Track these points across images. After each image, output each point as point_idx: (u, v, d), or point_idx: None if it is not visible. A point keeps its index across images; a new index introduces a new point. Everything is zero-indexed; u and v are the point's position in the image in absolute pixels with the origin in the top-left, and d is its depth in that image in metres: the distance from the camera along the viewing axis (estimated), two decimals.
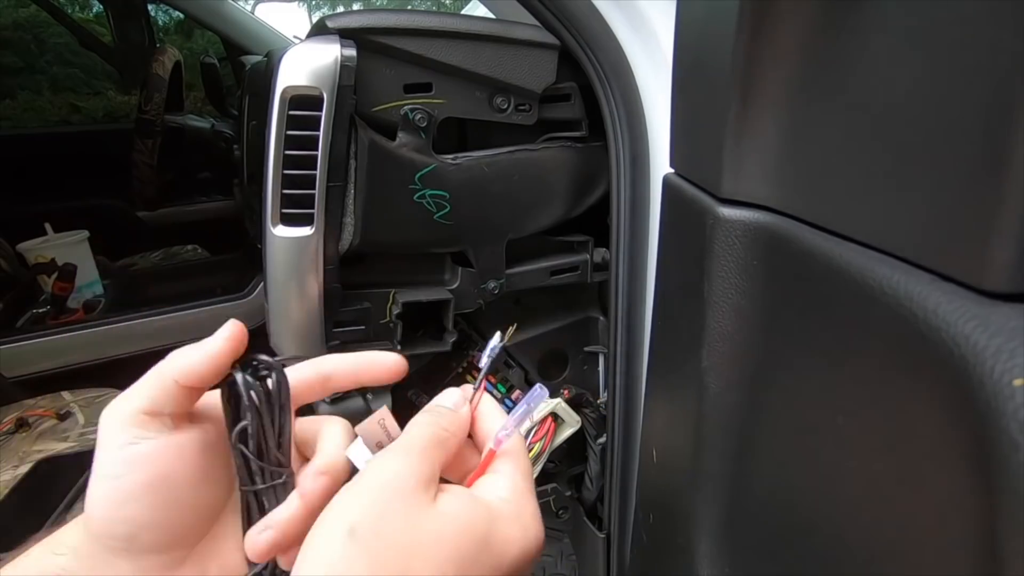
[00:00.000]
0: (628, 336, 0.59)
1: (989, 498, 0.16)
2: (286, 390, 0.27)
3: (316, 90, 0.47)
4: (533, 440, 0.65)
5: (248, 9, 1.79)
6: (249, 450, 0.26)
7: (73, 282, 1.25)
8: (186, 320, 1.21)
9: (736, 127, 0.27)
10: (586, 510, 0.76)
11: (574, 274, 0.65)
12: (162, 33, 2.75)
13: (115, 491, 0.25)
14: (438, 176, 0.53)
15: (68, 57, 2.76)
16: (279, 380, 0.27)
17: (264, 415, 0.26)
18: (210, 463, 0.27)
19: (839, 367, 0.23)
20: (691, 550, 0.35)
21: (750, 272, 0.29)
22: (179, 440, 0.26)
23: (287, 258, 0.50)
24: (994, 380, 0.15)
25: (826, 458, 0.25)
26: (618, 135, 0.55)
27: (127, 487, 0.25)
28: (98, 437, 0.26)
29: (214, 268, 1.55)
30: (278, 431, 0.27)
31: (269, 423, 0.27)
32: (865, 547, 0.22)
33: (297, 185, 0.48)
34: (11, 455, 0.88)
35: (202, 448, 0.27)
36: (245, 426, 0.26)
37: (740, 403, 0.31)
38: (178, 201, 1.72)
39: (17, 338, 1.12)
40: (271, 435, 0.27)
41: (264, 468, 0.27)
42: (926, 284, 0.18)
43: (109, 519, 0.25)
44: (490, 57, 0.53)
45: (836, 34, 0.23)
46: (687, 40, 0.36)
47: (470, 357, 0.66)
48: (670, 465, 0.40)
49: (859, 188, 0.22)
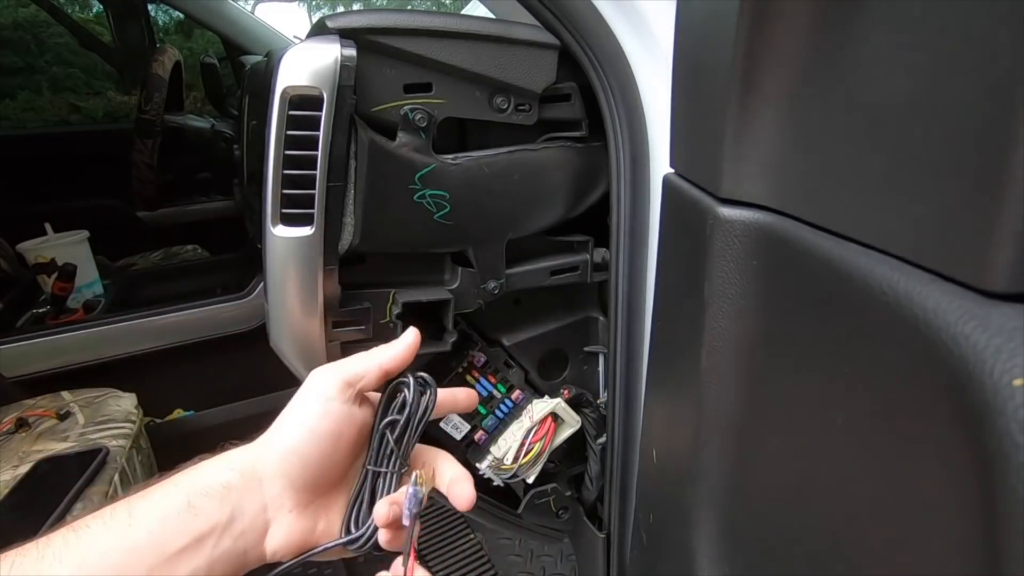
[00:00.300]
0: (628, 336, 0.59)
1: (989, 498, 0.16)
2: (433, 404, 0.35)
3: (316, 90, 0.46)
4: (533, 440, 0.65)
5: (248, 9, 1.79)
6: (393, 437, 0.34)
7: (73, 282, 1.25)
8: (186, 320, 1.21)
9: (736, 127, 0.27)
10: (586, 510, 0.76)
11: (574, 274, 0.65)
12: (162, 33, 2.75)
13: (302, 431, 0.32)
14: (438, 176, 0.53)
15: (68, 57, 2.76)
16: (432, 397, 0.35)
17: (414, 418, 0.34)
18: (360, 438, 0.35)
19: (839, 367, 0.23)
20: (691, 550, 0.35)
21: (750, 272, 0.29)
22: (352, 411, 0.34)
23: (287, 258, 0.50)
24: (994, 380, 0.15)
25: (826, 458, 0.25)
26: (618, 135, 0.55)
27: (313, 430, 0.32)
28: (303, 387, 0.34)
29: (214, 268, 1.55)
30: (414, 435, 0.34)
31: (415, 425, 0.34)
32: (864, 547, 0.22)
33: (297, 185, 0.48)
34: (11, 455, 0.88)
35: (360, 424, 0.34)
36: (397, 419, 0.34)
37: (740, 403, 0.31)
38: (178, 201, 1.72)
39: (17, 338, 1.12)
40: (412, 435, 0.34)
41: (396, 455, 0.34)
42: (926, 284, 0.18)
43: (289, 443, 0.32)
44: (490, 57, 0.53)
45: (836, 34, 0.23)
46: (687, 40, 0.36)
47: (470, 357, 0.66)
48: (670, 465, 0.40)
49: (859, 188, 0.22)
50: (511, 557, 1.05)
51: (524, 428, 0.64)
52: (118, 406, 1.01)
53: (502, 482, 0.67)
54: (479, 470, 0.66)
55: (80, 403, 1.01)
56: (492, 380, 0.66)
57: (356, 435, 0.34)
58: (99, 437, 0.92)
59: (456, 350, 0.63)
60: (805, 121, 0.25)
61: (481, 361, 0.66)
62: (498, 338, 0.67)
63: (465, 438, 0.66)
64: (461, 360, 0.66)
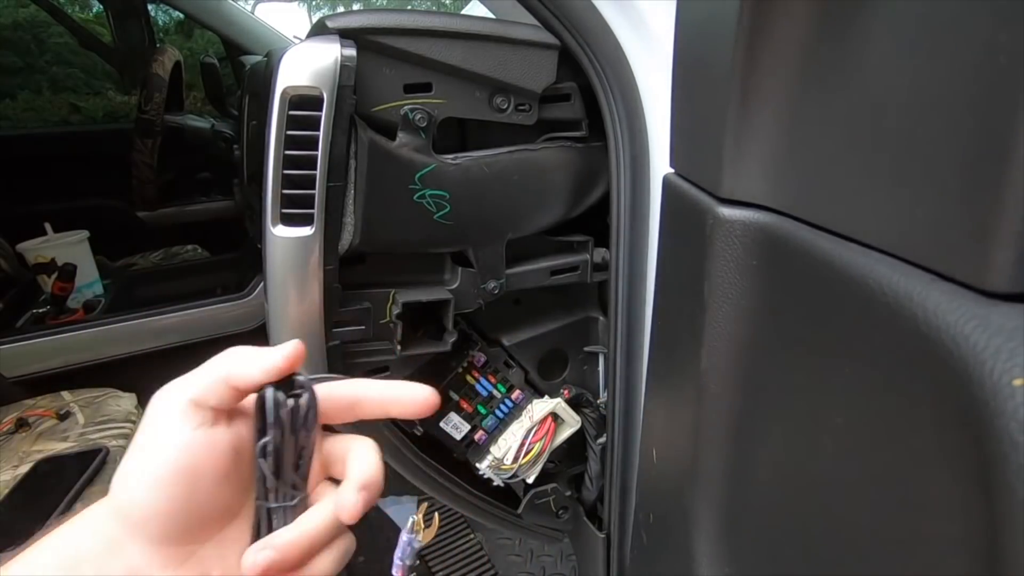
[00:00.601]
0: (628, 336, 0.59)
1: (989, 498, 0.16)
2: (314, 413, 0.27)
3: (316, 90, 0.47)
4: (533, 440, 0.65)
5: (248, 9, 1.79)
6: (267, 466, 0.27)
7: (73, 282, 1.25)
8: (186, 320, 1.21)
9: (736, 127, 0.27)
10: (586, 510, 0.76)
11: (574, 274, 0.65)
12: (162, 33, 2.75)
13: (143, 471, 0.26)
14: (438, 176, 0.53)
15: (68, 57, 2.75)
16: (309, 402, 0.27)
17: (287, 435, 0.27)
18: (236, 464, 0.27)
19: (839, 367, 0.23)
20: (691, 550, 0.35)
21: (750, 272, 0.29)
22: (213, 435, 0.26)
23: (287, 258, 0.50)
24: (994, 380, 0.15)
25: (825, 458, 0.25)
26: (618, 135, 0.55)
27: (155, 469, 0.25)
28: (144, 416, 0.27)
29: (214, 268, 1.55)
30: (298, 452, 0.27)
31: (291, 443, 0.27)
32: (864, 547, 0.22)
33: (297, 185, 0.48)
34: (11, 455, 0.88)
35: (233, 448, 0.27)
36: (267, 442, 0.27)
37: (740, 403, 0.31)
38: (178, 201, 1.72)
39: (17, 338, 1.13)
40: (290, 455, 0.27)
41: (279, 488, 0.27)
42: (926, 284, 0.18)
43: (131, 498, 0.26)
44: (490, 57, 0.53)
45: (836, 34, 0.23)
46: (687, 40, 0.36)
47: (470, 357, 0.66)
48: (670, 465, 0.40)
49: (859, 188, 0.22)
50: (511, 557, 1.05)
51: (524, 428, 0.65)
52: (118, 406, 1.01)
53: (502, 482, 0.67)
54: (479, 470, 0.66)
55: (80, 403, 1.02)
56: (492, 380, 0.66)
57: (228, 462, 0.27)
58: (99, 437, 0.93)
59: (456, 350, 0.63)
60: (805, 121, 0.25)
61: (481, 361, 0.66)
62: (498, 338, 0.67)
63: (465, 438, 0.66)
64: (461, 360, 0.66)
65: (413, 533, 0.28)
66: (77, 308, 1.26)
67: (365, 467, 0.28)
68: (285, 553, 0.26)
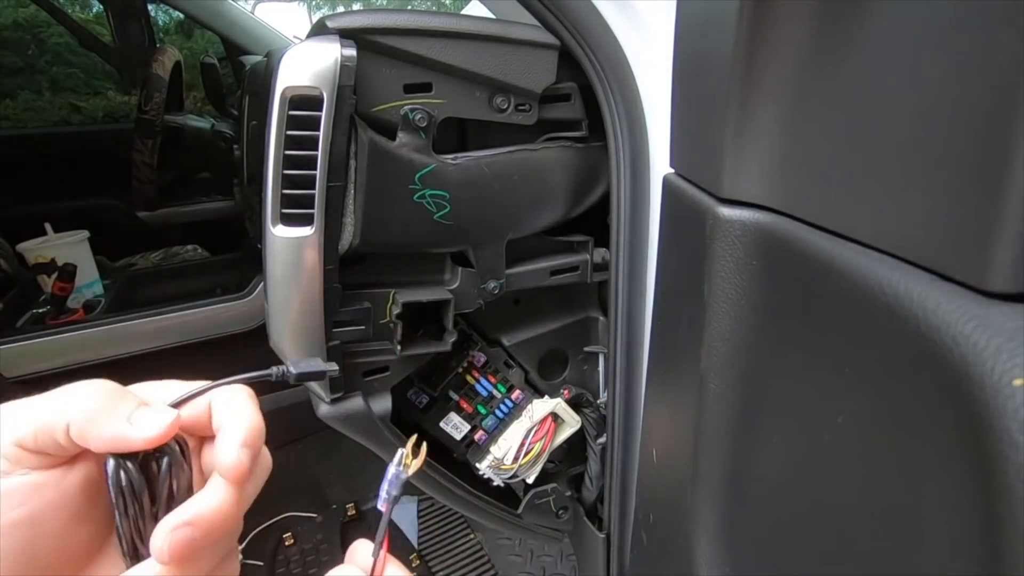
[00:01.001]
0: (628, 336, 0.59)
1: (989, 498, 0.16)
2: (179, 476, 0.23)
3: (316, 90, 0.46)
4: (533, 440, 0.65)
5: (248, 9, 1.79)
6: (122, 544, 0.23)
7: (73, 282, 1.25)
8: (186, 320, 1.21)
9: (736, 127, 0.27)
10: (586, 510, 0.76)
11: (574, 274, 0.65)
12: (162, 33, 2.75)
13: None
14: (438, 176, 0.53)
15: (68, 57, 2.75)
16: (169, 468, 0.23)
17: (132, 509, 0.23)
18: (91, 502, 0.24)
19: (839, 367, 0.23)
20: (691, 550, 0.35)
21: (750, 272, 0.29)
22: (58, 476, 0.23)
23: (287, 258, 0.50)
24: (994, 380, 0.15)
25: (826, 458, 0.25)
26: (618, 135, 0.55)
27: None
28: None
29: (214, 268, 1.55)
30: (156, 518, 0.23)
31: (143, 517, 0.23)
32: (864, 547, 0.22)
33: (297, 185, 0.48)
34: None
35: (84, 486, 0.23)
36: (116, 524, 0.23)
37: (740, 403, 0.31)
38: (178, 201, 1.72)
39: (17, 338, 1.12)
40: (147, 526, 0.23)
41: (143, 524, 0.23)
42: (926, 284, 0.18)
43: None
44: (490, 57, 0.53)
45: (836, 34, 0.23)
46: (687, 40, 0.36)
47: (470, 357, 0.66)
48: (670, 465, 0.40)
49: (859, 188, 0.22)
50: (511, 557, 1.06)
51: (524, 428, 0.65)
52: None
53: (502, 482, 0.67)
54: (479, 470, 0.66)
55: None
56: (492, 380, 0.66)
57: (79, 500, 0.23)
58: None
59: (456, 350, 0.63)
60: (805, 121, 0.25)
61: (481, 361, 0.66)
62: (498, 338, 0.67)
63: (465, 438, 0.66)
64: (461, 360, 0.66)
65: (401, 466, 0.27)
66: (77, 308, 1.26)
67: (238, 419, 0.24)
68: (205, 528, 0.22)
